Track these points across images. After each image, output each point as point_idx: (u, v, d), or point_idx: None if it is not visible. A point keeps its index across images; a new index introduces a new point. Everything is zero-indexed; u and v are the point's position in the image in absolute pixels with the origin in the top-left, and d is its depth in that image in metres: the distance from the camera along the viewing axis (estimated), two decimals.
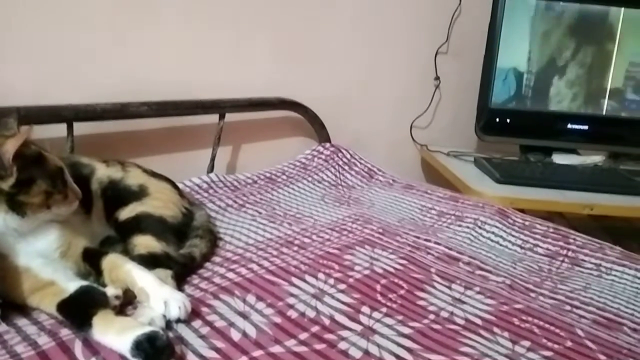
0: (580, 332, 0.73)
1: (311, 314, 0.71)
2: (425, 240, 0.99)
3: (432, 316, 0.73)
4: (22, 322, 0.64)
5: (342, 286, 0.78)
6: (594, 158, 1.59)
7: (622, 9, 1.54)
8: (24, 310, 0.66)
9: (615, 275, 0.95)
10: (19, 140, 0.63)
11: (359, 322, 0.70)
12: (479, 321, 0.73)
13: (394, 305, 0.75)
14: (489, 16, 1.55)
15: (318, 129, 1.50)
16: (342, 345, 0.64)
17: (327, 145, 1.48)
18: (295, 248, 0.91)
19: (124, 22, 1.19)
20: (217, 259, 0.85)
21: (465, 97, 1.68)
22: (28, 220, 0.65)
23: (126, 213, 0.82)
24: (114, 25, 1.18)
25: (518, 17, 1.54)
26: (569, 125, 1.59)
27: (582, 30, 1.56)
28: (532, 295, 0.83)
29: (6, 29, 1.05)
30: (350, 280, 0.81)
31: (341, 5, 1.50)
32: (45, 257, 0.67)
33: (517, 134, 1.60)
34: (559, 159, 1.59)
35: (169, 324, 0.64)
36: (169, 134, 1.29)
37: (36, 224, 0.67)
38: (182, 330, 0.64)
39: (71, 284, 0.65)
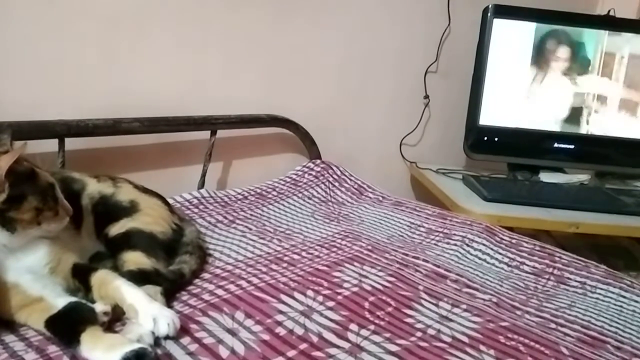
0: (564, 350, 0.74)
1: (299, 331, 0.71)
2: (414, 257, 1.00)
3: (419, 334, 0.74)
4: (9, 338, 0.64)
5: (331, 303, 0.79)
6: (580, 177, 1.62)
7: (606, 32, 1.58)
8: (12, 326, 0.65)
9: (599, 294, 0.97)
10: (12, 157, 0.63)
11: (347, 340, 0.70)
12: (465, 339, 0.74)
13: (382, 323, 0.75)
14: (477, 36, 1.58)
15: (309, 146, 1.52)
16: None
17: (318, 161, 1.49)
18: (285, 265, 0.91)
19: (117, 39, 1.20)
20: (206, 275, 0.85)
21: (454, 116, 1.71)
22: (18, 236, 0.66)
23: (116, 229, 0.83)
24: (106, 42, 1.19)
25: (505, 37, 1.57)
26: (556, 145, 1.61)
27: (567, 50, 1.59)
28: (518, 313, 0.84)
29: None
30: (339, 297, 0.81)
31: (333, 24, 1.53)
32: (35, 273, 0.67)
33: (505, 152, 1.63)
34: (545, 177, 1.61)
35: (157, 341, 0.64)
36: (161, 150, 1.30)
37: (26, 240, 0.67)
38: (171, 347, 0.64)
39: (60, 300, 0.65)
